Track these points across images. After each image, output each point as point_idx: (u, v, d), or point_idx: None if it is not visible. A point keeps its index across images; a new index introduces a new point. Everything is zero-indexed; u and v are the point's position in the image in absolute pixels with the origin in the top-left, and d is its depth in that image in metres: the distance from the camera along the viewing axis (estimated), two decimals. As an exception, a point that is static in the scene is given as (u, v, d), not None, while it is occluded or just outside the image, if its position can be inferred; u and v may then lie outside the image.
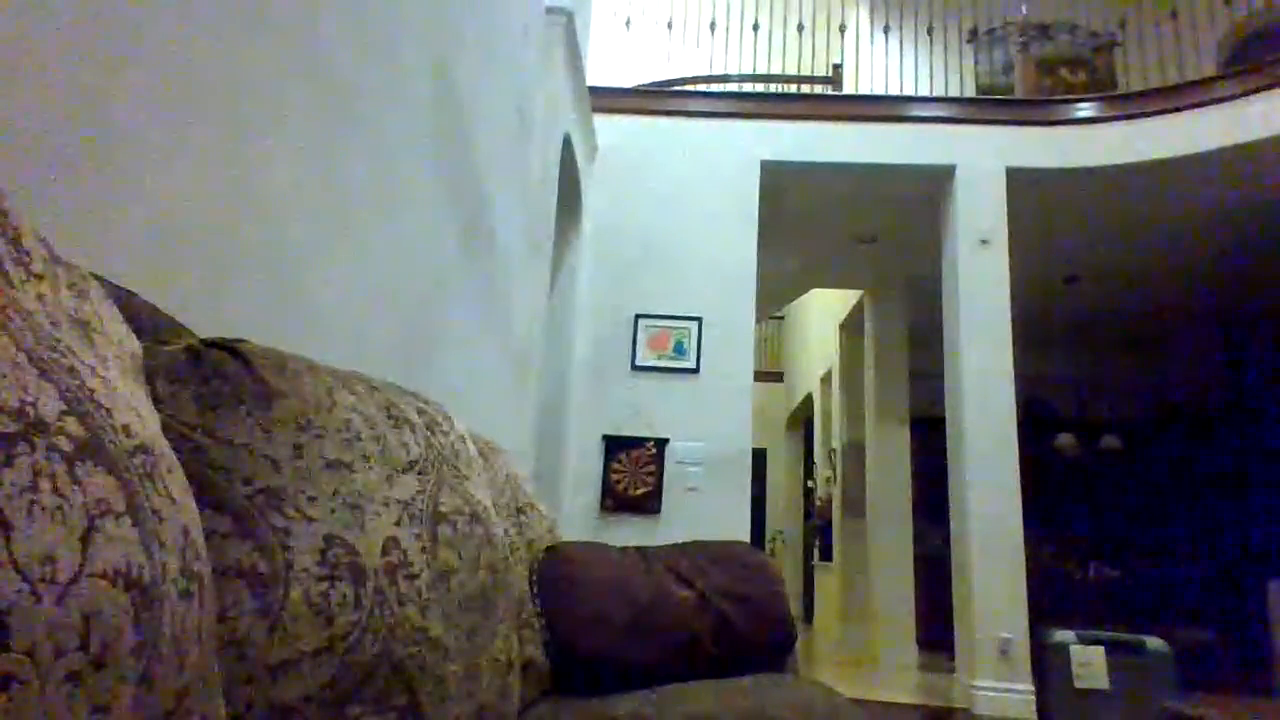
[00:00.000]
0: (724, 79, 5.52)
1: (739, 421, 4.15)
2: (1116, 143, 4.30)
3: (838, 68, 5.63)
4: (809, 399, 8.48)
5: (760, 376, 5.16)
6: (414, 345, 1.83)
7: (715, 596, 1.43)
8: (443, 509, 0.90)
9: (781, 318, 9.75)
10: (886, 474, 5.81)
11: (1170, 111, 4.24)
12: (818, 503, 8.06)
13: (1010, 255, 4.28)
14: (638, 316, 4.27)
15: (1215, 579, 6.21)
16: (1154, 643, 3.52)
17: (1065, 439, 6.86)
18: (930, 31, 5.58)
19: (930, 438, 5.55)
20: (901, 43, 6.18)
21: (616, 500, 4.04)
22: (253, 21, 1.15)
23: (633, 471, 4.07)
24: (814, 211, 5.07)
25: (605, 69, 5.37)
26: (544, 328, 3.35)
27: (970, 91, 5.64)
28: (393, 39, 1.65)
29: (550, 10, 3.14)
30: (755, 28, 5.55)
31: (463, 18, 2.09)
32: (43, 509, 0.35)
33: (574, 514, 3.97)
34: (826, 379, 7.56)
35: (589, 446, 4.11)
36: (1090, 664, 3.43)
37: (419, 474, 0.89)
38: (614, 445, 4.11)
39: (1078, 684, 3.43)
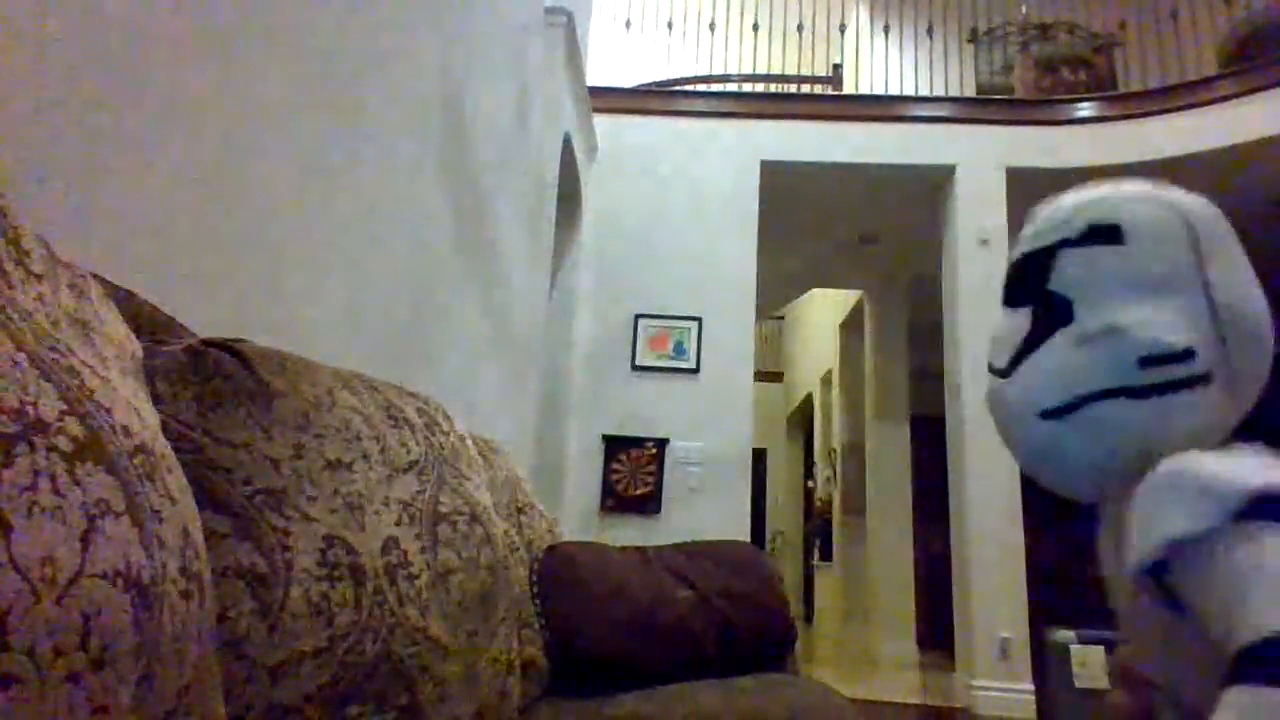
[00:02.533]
0: (724, 79, 5.52)
1: (739, 421, 4.15)
2: (1116, 143, 4.30)
3: (838, 68, 5.63)
4: (809, 399, 8.48)
5: (760, 376, 5.15)
6: (413, 345, 1.83)
7: (715, 596, 1.43)
8: (443, 509, 0.90)
9: (781, 318, 9.74)
10: (886, 474, 5.81)
11: (1170, 111, 4.23)
12: (818, 503, 8.06)
13: (1010, 255, 4.27)
14: (638, 316, 4.27)
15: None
16: (1154, 643, 3.51)
17: (1065, 439, 6.84)
18: (930, 31, 5.57)
19: (930, 438, 5.55)
20: (901, 43, 6.17)
21: (616, 500, 4.04)
22: (253, 20, 1.15)
23: (633, 471, 4.06)
24: (814, 211, 5.07)
25: (605, 69, 5.36)
26: (544, 327, 3.35)
27: (970, 91, 5.63)
28: (395, 37, 1.65)
29: (550, 10, 3.14)
30: (755, 28, 5.55)
31: (463, 17, 2.09)
32: (43, 509, 0.35)
33: (574, 514, 3.97)
34: (826, 379, 7.56)
35: (589, 446, 4.11)
36: (1090, 664, 3.42)
37: (419, 474, 0.89)
38: (614, 445, 4.10)
39: (1078, 684, 3.42)
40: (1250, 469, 0.57)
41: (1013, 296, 0.74)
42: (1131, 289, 0.67)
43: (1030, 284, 0.72)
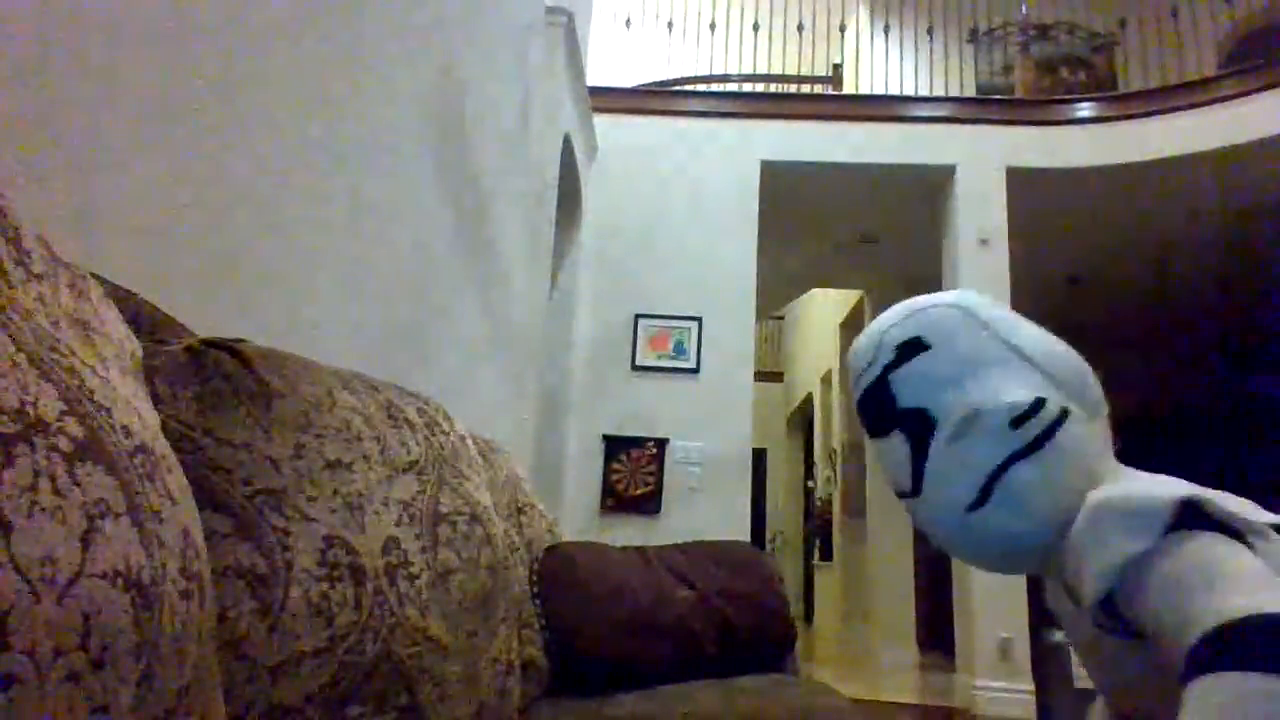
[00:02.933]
0: (724, 79, 5.52)
1: (739, 421, 4.14)
2: (1116, 143, 4.30)
3: (838, 68, 5.63)
4: (809, 399, 8.48)
5: (760, 376, 5.15)
6: (413, 345, 1.83)
7: (715, 596, 1.43)
8: (443, 509, 0.90)
9: (781, 318, 9.74)
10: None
11: (1170, 111, 4.23)
12: (818, 503, 8.06)
13: (1010, 255, 4.27)
14: (638, 316, 4.27)
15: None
16: (1154, 643, 3.50)
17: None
18: (930, 31, 5.57)
19: (930, 438, 5.52)
20: (901, 43, 6.17)
21: (616, 500, 4.04)
22: (252, 19, 1.15)
23: (633, 471, 4.06)
24: (814, 211, 5.07)
25: (605, 69, 5.36)
26: (544, 327, 3.35)
27: (970, 91, 5.63)
28: (395, 37, 1.65)
29: (550, 10, 3.14)
30: (755, 28, 5.55)
31: (464, 16, 2.09)
32: (43, 509, 0.35)
33: (574, 514, 3.97)
34: (826, 379, 7.56)
35: (589, 446, 4.10)
36: (1090, 664, 3.42)
37: (419, 474, 0.89)
38: (614, 445, 4.10)
39: (1078, 684, 3.42)
40: (1162, 486, 0.65)
41: (876, 429, 0.85)
42: (960, 377, 0.78)
43: (884, 412, 0.83)
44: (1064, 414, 0.75)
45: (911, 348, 0.81)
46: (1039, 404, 0.74)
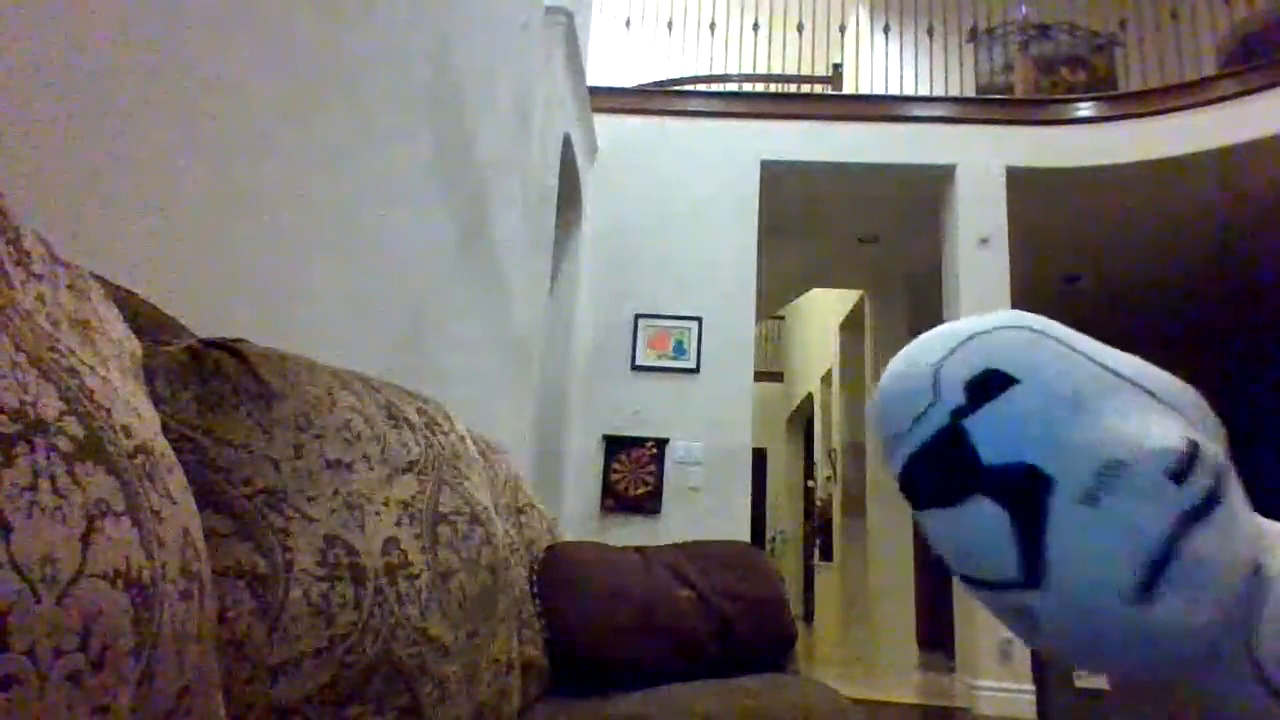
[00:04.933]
0: (724, 79, 5.52)
1: (739, 421, 4.15)
2: (1116, 143, 4.30)
3: (838, 67, 5.63)
4: (809, 399, 8.48)
5: (760, 376, 5.15)
6: (414, 345, 1.83)
7: (715, 596, 1.43)
8: (443, 509, 0.90)
9: (781, 318, 9.74)
10: (887, 473, 5.80)
11: (1170, 111, 4.23)
12: (818, 503, 8.06)
13: (1010, 255, 4.27)
14: (638, 316, 4.27)
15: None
16: (1154, 643, 3.50)
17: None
18: (930, 31, 5.57)
19: (930, 438, 5.52)
20: (901, 43, 6.17)
21: (616, 500, 4.04)
22: (251, 20, 1.14)
23: (633, 471, 4.06)
24: (814, 211, 5.07)
25: (605, 69, 5.36)
26: (544, 327, 3.35)
27: (970, 91, 5.63)
28: (394, 37, 1.65)
29: (550, 10, 3.14)
30: (755, 28, 5.55)
31: (463, 17, 2.09)
32: (43, 509, 0.35)
33: (574, 514, 3.97)
34: (826, 379, 7.56)
35: (589, 446, 4.10)
36: (1090, 664, 3.41)
37: (419, 474, 0.89)
38: (614, 445, 4.10)
39: (1078, 684, 3.42)
40: None
41: (942, 496, 0.63)
42: (1067, 417, 0.58)
43: (957, 473, 0.61)
44: (1224, 463, 0.58)
45: (989, 384, 0.61)
46: (1195, 447, 0.56)
